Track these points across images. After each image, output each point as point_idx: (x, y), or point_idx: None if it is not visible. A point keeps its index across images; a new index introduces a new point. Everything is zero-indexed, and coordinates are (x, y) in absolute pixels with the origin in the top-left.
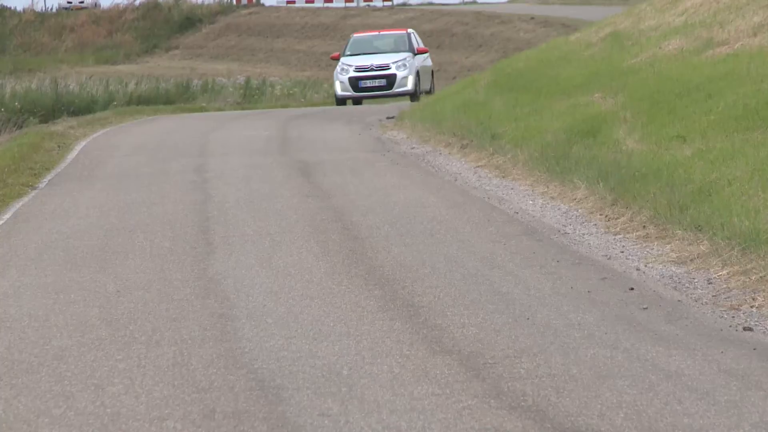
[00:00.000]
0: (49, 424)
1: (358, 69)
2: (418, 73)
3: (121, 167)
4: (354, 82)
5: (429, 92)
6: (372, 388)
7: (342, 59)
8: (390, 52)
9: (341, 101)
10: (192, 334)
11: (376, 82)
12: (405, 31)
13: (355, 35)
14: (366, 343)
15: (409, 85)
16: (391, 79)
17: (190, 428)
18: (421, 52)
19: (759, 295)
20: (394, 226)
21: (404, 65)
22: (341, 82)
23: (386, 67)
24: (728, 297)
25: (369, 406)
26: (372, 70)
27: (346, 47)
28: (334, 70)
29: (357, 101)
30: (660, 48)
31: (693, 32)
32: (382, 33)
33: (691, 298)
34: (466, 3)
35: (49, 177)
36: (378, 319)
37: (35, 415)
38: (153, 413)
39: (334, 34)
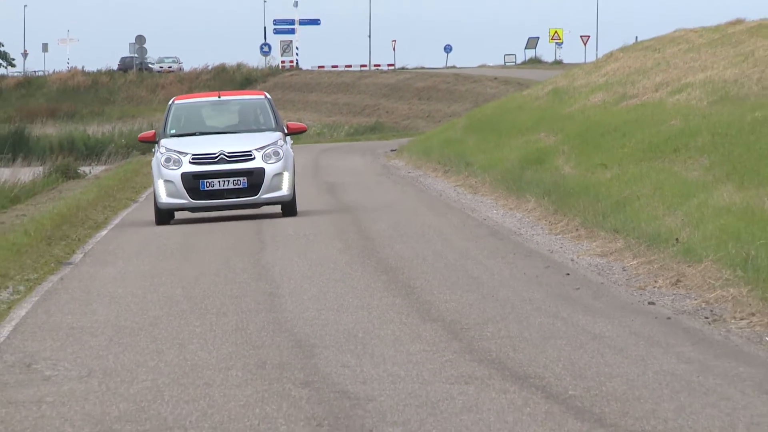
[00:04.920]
0: (145, 372)
1: (198, 159)
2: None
3: None
4: (191, 182)
5: (292, 201)
6: (379, 346)
7: (162, 142)
8: (245, 131)
9: (165, 215)
10: (249, 307)
11: (231, 183)
12: (262, 96)
13: (179, 101)
14: (375, 313)
15: (285, 188)
16: (256, 178)
17: (248, 375)
18: (294, 130)
19: (659, 279)
20: (395, 229)
21: (276, 153)
22: (167, 181)
23: (246, 155)
24: (637, 280)
25: (377, 360)
26: (222, 161)
27: (166, 121)
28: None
29: (195, 212)
30: (588, 100)
31: (612, 89)
32: (224, 97)
33: (610, 280)
34: (448, 67)
35: (146, 193)
36: (384, 297)
37: (136, 365)
38: (221, 364)
39: (352, 89)
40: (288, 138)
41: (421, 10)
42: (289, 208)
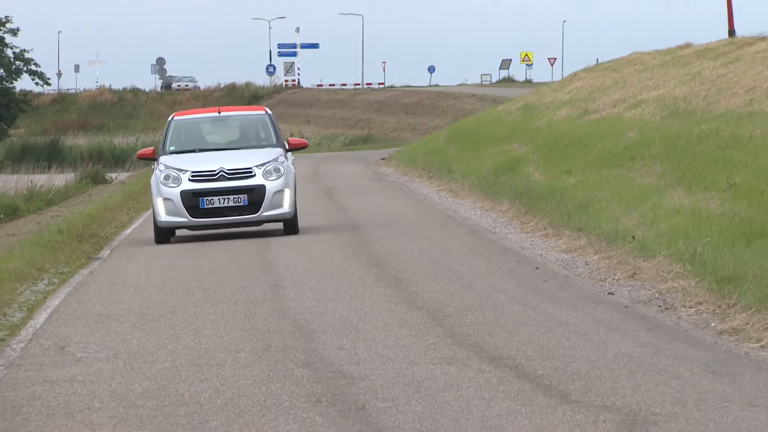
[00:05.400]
0: (165, 354)
1: (197, 176)
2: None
3: None
4: (190, 200)
5: (293, 219)
6: (371, 332)
7: (161, 159)
8: (245, 147)
9: (165, 233)
10: (256, 297)
11: (231, 201)
12: (263, 111)
13: (178, 117)
14: (368, 302)
15: (286, 206)
16: (257, 195)
17: (255, 357)
18: (295, 146)
19: (618, 272)
20: (385, 228)
21: (277, 170)
22: (166, 199)
23: (247, 172)
24: (598, 273)
25: (369, 343)
26: (222, 178)
27: (165, 137)
28: (155, 171)
29: (194, 230)
30: (555, 115)
31: (575, 105)
32: (224, 113)
33: (574, 273)
34: (431, 85)
35: None
36: (375, 288)
37: (156, 348)
38: (231, 347)
39: (347, 105)
40: (289, 154)
41: (407, 34)
42: (290, 225)
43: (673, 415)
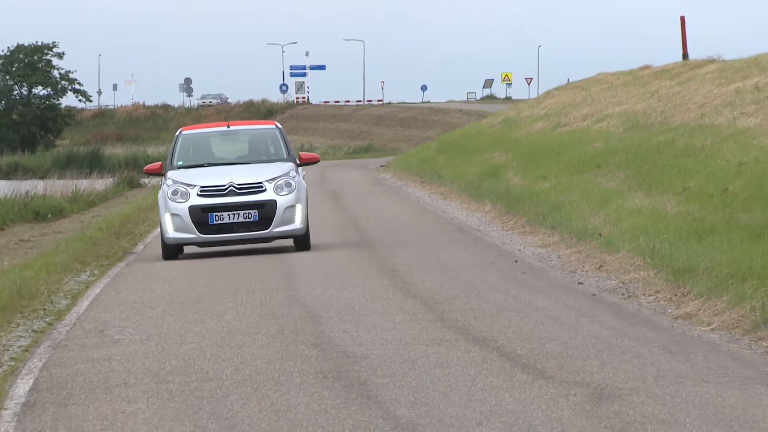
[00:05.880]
0: (191, 336)
1: (206, 191)
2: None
3: None
4: (199, 216)
5: (305, 235)
6: (371, 317)
7: (169, 174)
8: (255, 162)
9: (173, 250)
10: (271, 286)
11: (241, 216)
12: (273, 125)
13: (186, 131)
14: (368, 291)
15: (298, 221)
16: (267, 210)
17: (270, 339)
18: (306, 160)
19: (586, 264)
20: (384, 227)
21: (288, 185)
22: (174, 215)
23: (257, 187)
24: (569, 265)
25: (369, 327)
26: (232, 193)
27: (173, 152)
28: (162, 186)
29: (203, 246)
30: (531, 128)
31: (549, 119)
32: (233, 127)
33: (548, 266)
34: (423, 102)
35: None
36: (375, 278)
37: (184, 330)
38: (249, 330)
39: (350, 119)
40: (300, 169)
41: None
42: (302, 242)
43: (634, 389)
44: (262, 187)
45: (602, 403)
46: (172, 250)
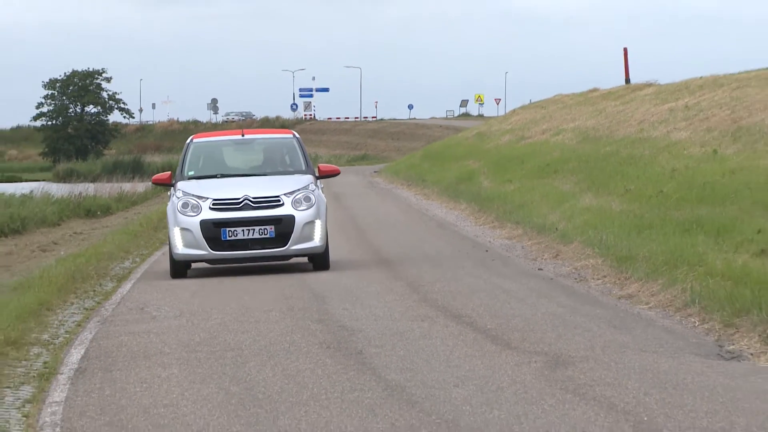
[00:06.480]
0: (216, 313)
1: (219, 205)
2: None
3: None
4: (211, 231)
5: (324, 254)
6: (367, 298)
7: (179, 185)
8: (271, 173)
9: (181, 267)
10: (282, 272)
11: (256, 232)
12: (291, 135)
13: (198, 139)
14: (364, 276)
15: (317, 239)
16: (285, 226)
17: (281, 315)
18: (326, 173)
19: (545, 254)
20: (378, 223)
21: (307, 199)
22: (184, 229)
23: (274, 201)
24: (531, 254)
25: (364, 305)
26: (247, 207)
27: (183, 161)
28: (172, 196)
29: (215, 264)
30: (500, 140)
31: (515, 133)
32: (248, 136)
33: (515, 255)
34: (410, 118)
35: None
36: (370, 266)
37: (210, 308)
38: (264, 308)
39: (350, 133)
40: (319, 182)
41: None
42: (320, 261)
43: (585, 357)
44: (279, 200)
45: (558, 369)
46: (181, 268)
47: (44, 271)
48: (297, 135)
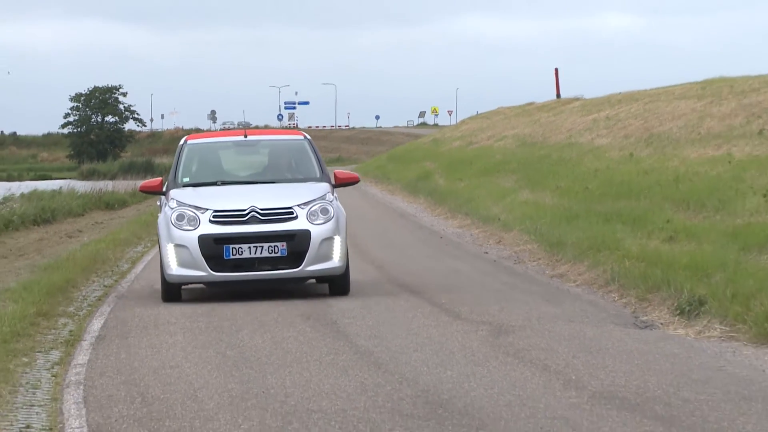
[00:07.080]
0: (229, 308)
1: (221, 217)
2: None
3: None
4: (212, 248)
5: (344, 275)
6: (364, 289)
7: (172, 194)
8: (279, 181)
9: (175, 289)
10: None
11: (266, 250)
12: (301, 136)
13: (192, 140)
14: (360, 272)
15: (336, 258)
16: (299, 243)
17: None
18: (344, 181)
19: (490, 240)
20: (350, 216)
21: (325, 211)
22: (179, 246)
23: (286, 213)
24: (479, 240)
25: (361, 293)
26: (254, 220)
27: (177, 165)
28: (162, 205)
29: (215, 287)
30: (452, 145)
31: (464, 139)
32: (252, 137)
33: (465, 241)
34: (377, 127)
35: None
36: (363, 264)
37: (227, 299)
38: (273, 309)
39: (327, 139)
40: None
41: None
42: (340, 284)
43: (523, 326)
44: (292, 213)
45: (501, 336)
46: (174, 290)
47: (70, 254)
48: (308, 136)
